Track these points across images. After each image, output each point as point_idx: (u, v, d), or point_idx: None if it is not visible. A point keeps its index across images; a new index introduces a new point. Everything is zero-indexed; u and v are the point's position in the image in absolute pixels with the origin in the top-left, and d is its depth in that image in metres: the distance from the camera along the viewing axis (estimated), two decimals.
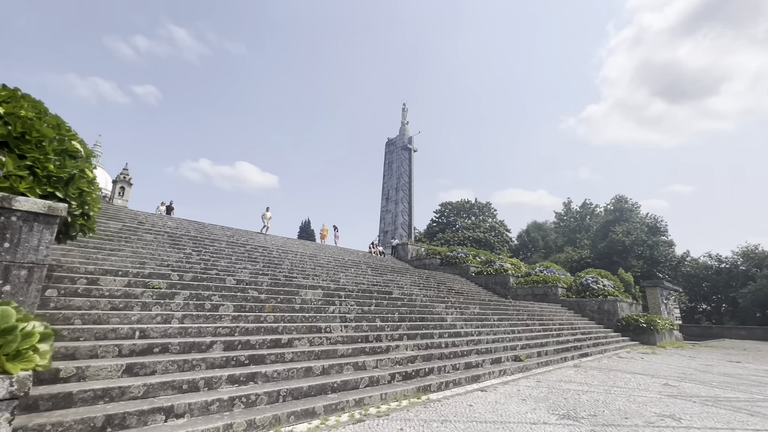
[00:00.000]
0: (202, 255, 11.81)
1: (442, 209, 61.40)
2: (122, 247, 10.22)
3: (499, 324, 11.84)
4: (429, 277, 20.26)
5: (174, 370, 4.48)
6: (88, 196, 4.74)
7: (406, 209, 49.65)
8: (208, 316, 5.93)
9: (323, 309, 7.98)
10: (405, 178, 50.63)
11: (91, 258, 8.83)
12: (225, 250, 13.27)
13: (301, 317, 7.15)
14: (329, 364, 5.70)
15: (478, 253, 27.79)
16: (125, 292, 5.83)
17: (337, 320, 7.72)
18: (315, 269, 14.59)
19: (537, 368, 8.99)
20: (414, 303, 10.93)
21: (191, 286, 6.91)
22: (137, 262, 9.45)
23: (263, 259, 13.62)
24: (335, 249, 23.67)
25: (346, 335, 6.96)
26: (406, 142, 51.09)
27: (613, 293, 19.63)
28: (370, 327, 7.85)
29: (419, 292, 13.53)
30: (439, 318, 10.26)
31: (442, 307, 11.50)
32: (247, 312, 6.68)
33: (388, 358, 6.57)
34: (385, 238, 49.96)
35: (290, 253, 15.93)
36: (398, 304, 10.26)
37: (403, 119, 52.80)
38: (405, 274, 19.49)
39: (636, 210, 50.45)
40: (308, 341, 6.29)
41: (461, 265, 25.26)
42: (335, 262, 17.07)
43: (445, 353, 7.78)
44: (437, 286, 18.09)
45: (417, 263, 27.65)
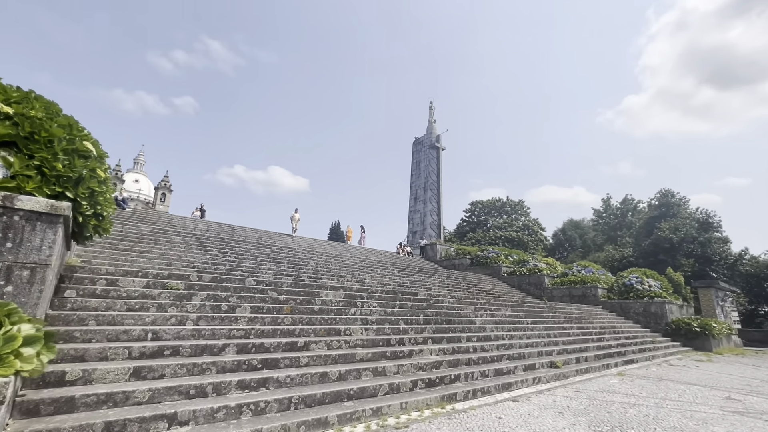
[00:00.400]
0: (228, 256, 11.91)
1: (472, 208, 60.03)
2: (151, 249, 10.44)
3: (533, 327, 11.11)
4: (458, 277, 19.62)
5: (183, 374, 4.32)
6: (99, 197, 4.70)
7: (434, 209, 48.85)
8: (224, 318, 5.79)
9: (344, 311, 7.70)
10: (433, 178, 49.86)
11: (121, 259, 9.04)
12: (251, 251, 13.35)
13: (320, 319, 6.89)
14: (347, 369, 5.38)
15: (510, 252, 26.72)
16: (143, 293, 5.80)
17: (358, 322, 7.41)
18: (340, 270, 14.40)
19: (575, 376, 8.27)
20: (441, 304, 10.45)
21: (209, 287, 6.84)
22: (164, 263, 9.59)
23: (288, 260, 13.59)
24: (362, 250, 23.49)
25: (367, 338, 6.63)
26: (434, 140, 50.29)
27: (660, 294, 18.13)
28: (393, 330, 7.48)
29: (447, 293, 13.01)
30: (467, 320, 9.73)
31: (471, 309, 10.93)
32: (264, 314, 6.50)
33: (411, 364, 6.18)
34: (413, 238, 49.36)
35: (316, 254, 15.85)
36: (423, 306, 9.82)
37: (430, 117, 52.03)
38: (433, 274, 18.96)
39: (684, 205, 46.92)
40: (326, 344, 6.01)
41: (492, 265, 24.35)
42: (361, 263, 16.83)
43: (474, 358, 7.27)
44: (466, 286, 17.44)
45: (446, 263, 26.96)
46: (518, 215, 57.32)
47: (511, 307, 12.69)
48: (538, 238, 52.69)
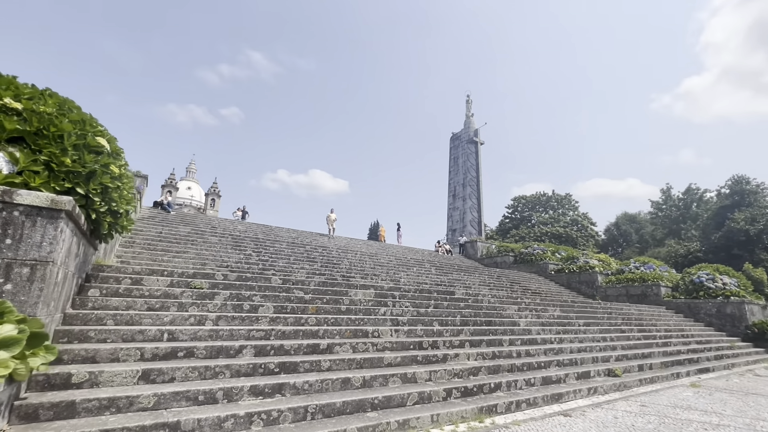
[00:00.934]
0: (261, 256, 11.91)
1: (514, 204, 57.52)
2: (188, 249, 10.62)
3: (586, 330, 10.02)
4: (500, 276, 18.53)
5: (194, 377, 4.06)
6: (113, 193, 4.58)
7: (474, 205, 47.23)
8: (244, 318, 5.53)
9: (373, 311, 7.24)
10: (472, 173, 48.23)
11: (157, 259, 9.22)
12: (285, 250, 13.32)
13: (347, 320, 6.48)
14: (372, 375, 4.91)
15: (557, 248, 24.99)
16: (165, 293, 5.69)
17: (388, 323, 6.91)
18: (374, 268, 14.00)
19: (639, 386, 7.22)
20: (480, 304, 9.69)
21: (234, 286, 6.66)
22: (198, 263, 9.68)
23: (322, 259, 13.40)
24: (398, 248, 23.00)
25: (396, 341, 6.11)
26: (472, 135, 48.65)
27: (737, 293, 15.95)
28: (426, 332, 6.91)
29: (487, 292, 12.17)
30: (509, 322, 8.91)
31: (514, 309, 10.06)
32: (287, 314, 6.19)
33: (445, 370, 5.58)
34: (453, 236, 48.02)
35: (350, 253, 15.58)
36: (461, 306, 9.13)
37: (468, 111, 50.42)
38: (473, 273, 18.05)
39: (762, 192, 41.73)
40: (351, 347, 5.57)
41: (538, 263, 22.87)
42: (396, 261, 16.34)
43: (517, 364, 6.51)
44: (509, 285, 16.38)
45: (487, 261, 25.76)
46: (565, 210, 54.11)
47: (560, 308, 11.60)
48: (589, 233, 49.36)
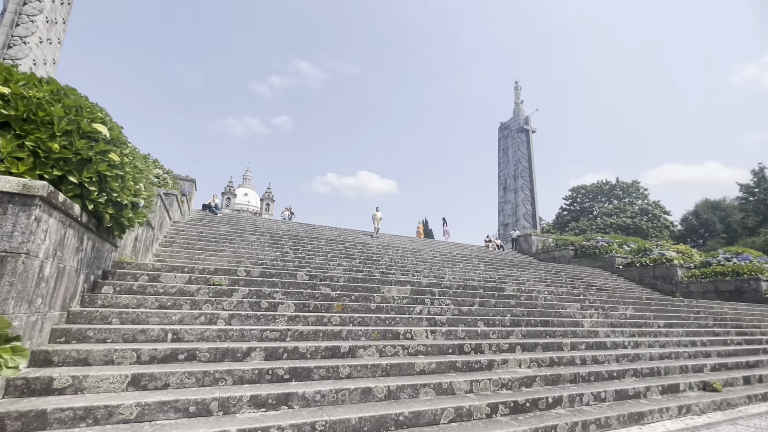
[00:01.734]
0: (298, 253, 11.62)
1: (573, 195, 53.36)
2: (225, 247, 10.59)
3: (668, 332, 8.40)
4: (559, 271, 16.80)
5: (191, 384, 3.56)
6: (113, 182, 4.26)
7: (527, 198, 44.33)
8: (260, 317, 5.03)
9: (407, 309, 6.45)
10: (524, 164, 45.32)
11: (193, 258, 9.19)
12: (323, 248, 12.95)
13: (376, 319, 5.75)
14: (399, 384, 4.13)
15: (625, 240, 22.36)
16: (181, 290, 5.37)
17: (423, 323, 6.09)
18: (417, 265, 13.18)
19: (747, 405, 5.70)
20: (534, 302, 8.49)
21: (256, 283, 6.23)
22: (233, 260, 9.55)
23: (361, 256, 12.85)
24: (444, 244, 21.90)
25: (432, 343, 5.27)
26: (522, 123, 45.75)
27: None
28: (468, 333, 5.98)
29: (543, 289, 10.81)
30: (571, 322, 7.65)
31: (577, 308, 8.72)
32: (309, 312, 5.62)
33: (490, 379, 4.64)
34: (505, 231, 45.46)
35: (391, 249, 14.89)
36: (511, 304, 8.03)
37: (516, 99, 47.53)
38: (527, 268, 16.52)
39: None
40: (377, 350, 4.84)
41: (603, 256, 20.57)
42: (441, 257, 15.36)
43: (582, 374, 5.37)
44: (570, 281, 14.71)
45: (544, 256, 23.76)
46: (633, 199, 49.14)
47: (633, 306, 9.96)
48: (662, 224, 44.32)
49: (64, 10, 21.88)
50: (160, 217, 9.51)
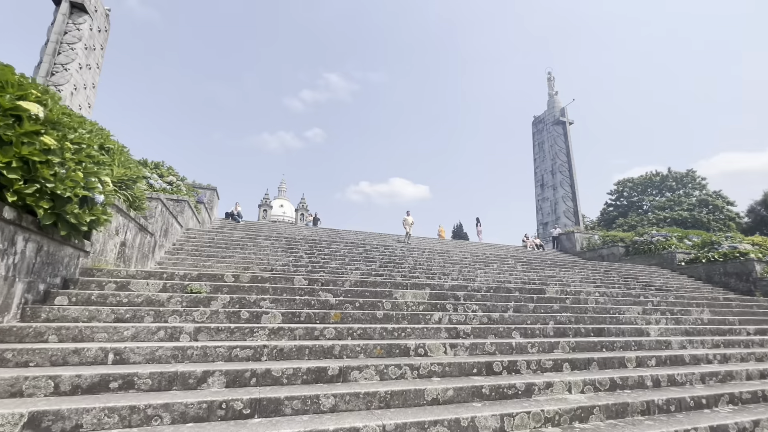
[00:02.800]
0: (313, 258, 10.77)
1: (619, 189, 49.49)
2: (234, 254, 9.93)
3: (763, 341, 6.65)
4: (609, 270, 14.86)
5: (111, 425, 2.66)
6: (45, 170, 3.52)
7: (568, 194, 41.40)
8: (235, 331, 4.10)
9: (423, 317, 5.32)
10: (562, 158, 42.47)
11: (198, 265, 8.56)
12: (341, 251, 12.04)
13: (381, 331, 4.67)
14: (400, 422, 3.01)
15: (686, 233, 19.78)
16: (149, 299, 4.57)
17: (442, 335, 4.92)
18: (444, 267, 11.93)
19: None
20: (583, 305, 7.05)
21: (243, 289, 5.35)
22: (241, 266, 8.84)
23: (382, 259, 11.81)
24: (476, 245, 20.38)
25: (451, 361, 4.11)
26: (558, 115, 43.01)
27: None
28: (499, 347, 4.74)
29: (593, 290, 9.22)
30: (633, 330, 6.16)
31: (637, 312, 7.17)
32: (298, 323, 4.64)
33: (529, 412, 3.41)
34: (544, 231, 42.70)
35: (417, 251, 13.72)
36: (554, 308, 6.65)
37: (550, 90, 44.85)
38: (571, 268, 14.73)
39: None
40: (377, 372, 3.76)
41: (660, 252, 18.21)
42: (473, 258, 13.98)
43: (658, 402, 3.97)
44: (623, 281, 12.84)
45: (590, 255, 21.57)
46: (689, 190, 44.72)
47: (708, 308, 8.18)
48: (725, 215, 39.81)
49: (102, 37, 22.81)
50: (165, 223, 9.00)
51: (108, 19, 23.21)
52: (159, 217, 8.41)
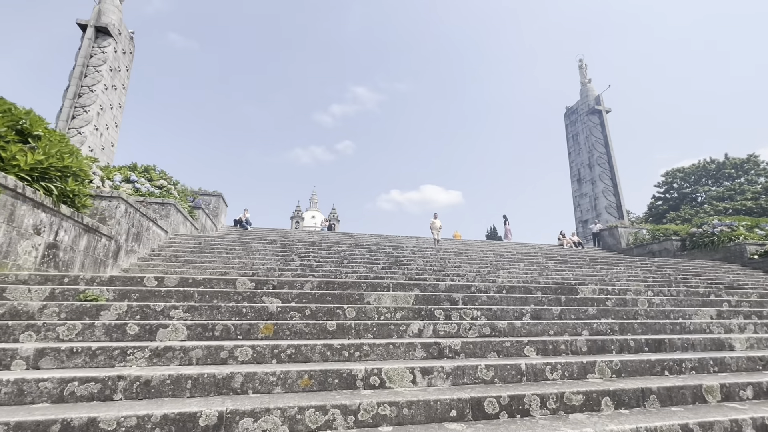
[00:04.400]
0: (307, 260, 9.53)
1: (668, 180, 45.10)
2: (216, 258, 8.88)
3: None
4: (662, 267, 12.55)
5: None
6: None
7: (609, 187, 37.93)
8: (99, 353, 2.84)
9: (397, 329, 3.85)
10: (599, 149, 39.12)
11: (168, 270, 7.56)
12: (340, 253, 10.73)
13: (325, 350, 3.25)
14: None
15: (756, 222, 16.82)
16: (13, 309, 3.43)
17: (417, 354, 3.41)
18: (460, 267, 10.31)
19: None
20: (632, 308, 5.25)
21: (158, 295, 4.12)
22: (216, 271, 7.75)
23: (387, 261, 10.37)
24: (501, 244, 18.43)
25: (418, 398, 2.61)
26: (593, 103, 39.82)
27: None
28: (501, 372, 3.17)
29: (644, 289, 7.27)
30: (706, 341, 4.33)
31: (710, 316, 5.27)
32: (205, 340, 3.33)
33: None
34: (584, 229, 39.34)
35: (429, 251, 12.15)
36: (589, 313, 4.93)
37: (582, 78, 41.73)
38: (616, 265, 12.57)
39: None
40: (286, 420, 2.34)
41: (725, 245, 15.47)
42: (495, 257, 12.19)
43: None
44: (683, 278, 10.61)
45: (638, 251, 18.97)
46: (751, 177, 39.82)
47: None
48: None
49: (126, 58, 23.26)
50: (136, 226, 8.10)
51: (132, 41, 23.73)
52: (123, 219, 7.49)
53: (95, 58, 20.66)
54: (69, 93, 19.58)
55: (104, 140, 20.49)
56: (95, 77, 20.42)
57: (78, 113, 20.20)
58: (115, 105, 22.08)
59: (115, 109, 22.06)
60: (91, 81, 20.43)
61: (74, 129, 19.38)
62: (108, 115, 21.32)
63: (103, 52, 20.85)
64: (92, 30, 20.12)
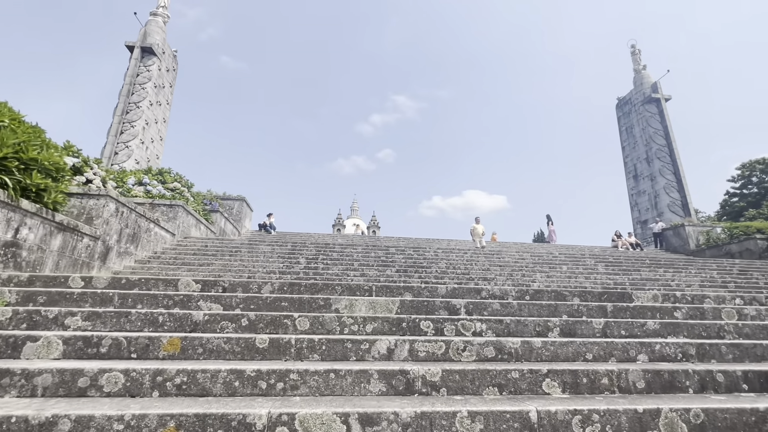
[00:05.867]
0: (314, 263, 8.66)
1: (745, 173, 39.62)
2: (216, 261, 8.27)
3: None
4: (746, 269, 10.28)
5: None
6: None
7: (671, 183, 33.75)
8: None
9: (356, 347, 2.76)
10: (659, 141, 35.05)
11: (162, 273, 7.01)
12: (353, 255, 9.75)
13: (233, 378, 2.24)
14: None
15: None
16: None
17: (372, 387, 2.28)
18: (489, 270, 8.94)
19: None
20: (713, 322, 3.72)
21: (69, 298, 3.35)
22: (210, 275, 7.09)
23: (405, 263, 9.23)
24: (542, 245, 16.48)
25: None
26: (649, 91, 35.88)
27: None
28: (495, 423, 1.97)
29: (728, 297, 5.51)
30: None
31: None
32: (79, 360, 2.44)
33: None
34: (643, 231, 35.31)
35: (455, 252, 10.82)
36: (649, 329, 3.50)
37: (636, 65, 37.83)
38: (684, 268, 10.48)
39: None
40: None
41: None
42: (533, 259, 10.60)
43: None
44: None
45: (711, 253, 16.21)
46: None
47: None
48: None
49: (170, 76, 24.37)
50: (130, 227, 7.68)
51: (176, 59, 24.79)
52: (113, 218, 7.06)
53: (141, 76, 21.61)
54: (118, 110, 20.57)
55: (149, 153, 21.27)
56: (141, 94, 21.33)
57: (125, 128, 21.08)
58: (160, 120, 22.99)
59: (160, 123, 22.96)
60: (137, 98, 21.36)
61: (122, 144, 20.26)
62: (153, 130, 22.20)
63: (148, 70, 21.78)
64: (138, 50, 21.11)
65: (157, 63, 22.21)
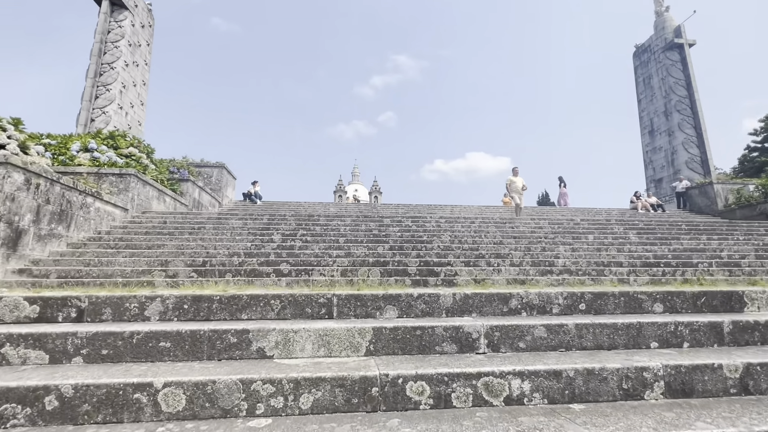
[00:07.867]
0: (290, 240, 7.17)
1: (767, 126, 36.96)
2: (169, 242, 6.78)
3: None
4: None
5: None
6: None
7: (691, 138, 31.40)
8: None
9: None
10: (680, 92, 32.26)
11: (95, 261, 5.55)
12: (340, 229, 8.22)
13: None
14: None
15: None
16: None
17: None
18: (501, 244, 7.43)
19: None
20: None
21: None
22: (158, 261, 5.62)
23: (400, 237, 7.71)
24: (558, 210, 14.86)
25: None
26: (671, 36, 32.59)
27: None
28: None
29: None
30: None
31: None
32: None
33: None
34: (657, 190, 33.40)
35: (460, 222, 9.26)
36: None
37: (657, 6, 34.10)
38: (728, 234, 8.95)
39: None
40: None
41: None
42: (552, 227, 9.04)
43: None
44: None
45: (742, 213, 14.60)
46: None
47: None
48: None
49: (146, 32, 21.67)
50: (55, 204, 6.13)
51: (151, 14, 21.97)
52: (21, 193, 5.49)
53: (113, 33, 19.11)
54: (90, 72, 18.31)
55: (130, 119, 19.21)
56: (114, 53, 18.95)
57: (100, 92, 18.86)
58: (139, 82, 20.70)
59: (139, 86, 20.69)
60: (110, 58, 19.00)
61: (98, 109, 18.16)
62: (132, 93, 20.00)
63: (120, 26, 19.25)
64: (107, 3, 18.53)
65: (129, 18, 19.66)
